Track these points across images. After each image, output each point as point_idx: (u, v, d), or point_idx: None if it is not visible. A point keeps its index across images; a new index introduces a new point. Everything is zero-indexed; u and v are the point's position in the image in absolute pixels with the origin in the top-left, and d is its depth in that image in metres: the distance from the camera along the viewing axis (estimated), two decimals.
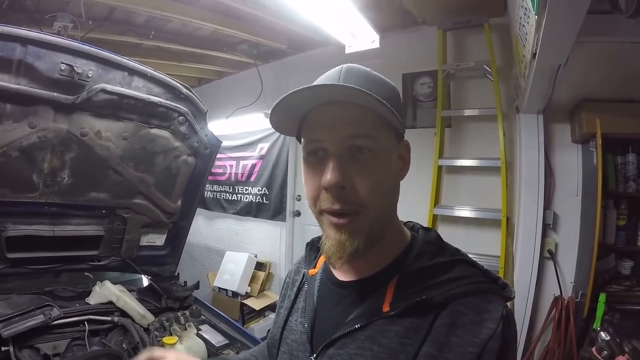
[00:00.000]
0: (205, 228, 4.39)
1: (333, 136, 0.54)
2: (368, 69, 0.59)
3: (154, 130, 1.62)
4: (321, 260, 0.71)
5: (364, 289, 0.60)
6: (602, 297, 1.88)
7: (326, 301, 0.65)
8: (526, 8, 1.35)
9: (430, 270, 0.57)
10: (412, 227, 0.68)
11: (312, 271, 0.71)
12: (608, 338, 1.69)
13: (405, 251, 0.61)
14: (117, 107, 1.48)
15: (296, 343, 0.65)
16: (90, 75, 1.37)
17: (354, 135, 0.54)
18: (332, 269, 0.66)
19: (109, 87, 1.42)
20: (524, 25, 1.50)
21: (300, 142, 0.61)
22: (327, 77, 0.59)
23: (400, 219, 0.66)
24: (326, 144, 0.55)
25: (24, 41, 1.22)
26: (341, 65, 0.59)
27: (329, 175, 0.53)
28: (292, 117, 0.58)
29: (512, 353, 0.52)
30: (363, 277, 0.61)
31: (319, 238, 0.66)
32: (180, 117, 1.64)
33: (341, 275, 0.64)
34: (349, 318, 0.58)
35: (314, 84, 0.55)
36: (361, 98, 0.52)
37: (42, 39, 1.25)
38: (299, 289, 0.72)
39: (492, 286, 0.56)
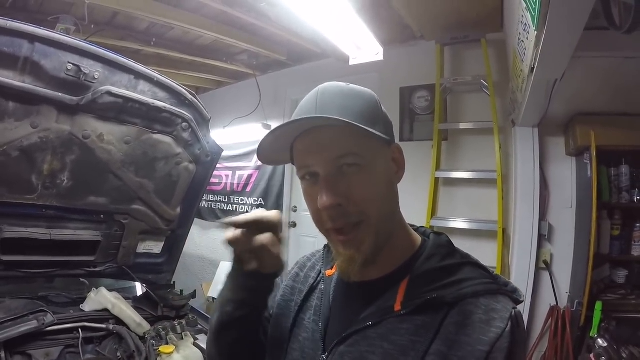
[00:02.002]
0: (200, 238, 4.31)
1: (320, 159, 0.56)
2: (343, 83, 0.61)
3: (157, 136, 1.61)
4: None
5: (376, 289, 0.61)
6: (599, 306, 1.90)
7: (339, 301, 0.66)
8: (526, 24, 1.40)
9: (441, 271, 0.58)
10: (424, 232, 0.69)
11: (329, 272, 0.71)
12: (605, 345, 1.71)
13: (416, 254, 0.62)
14: (121, 110, 1.47)
15: (308, 341, 0.65)
16: (96, 76, 1.35)
17: (340, 155, 0.56)
18: None
19: (114, 89, 1.40)
20: (522, 41, 1.54)
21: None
22: (305, 103, 0.60)
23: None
24: (315, 167, 0.57)
25: (32, 38, 1.20)
26: (317, 88, 0.61)
27: (324, 198, 0.55)
28: (280, 149, 0.61)
29: (521, 354, 0.53)
30: (375, 279, 0.62)
31: None
32: (184, 124, 1.63)
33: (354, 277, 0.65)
34: (361, 316, 0.59)
35: (293, 117, 0.58)
36: (338, 122, 0.54)
37: (50, 37, 1.23)
38: (313, 287, 0.72)
39: (501, 288, 0.57)
